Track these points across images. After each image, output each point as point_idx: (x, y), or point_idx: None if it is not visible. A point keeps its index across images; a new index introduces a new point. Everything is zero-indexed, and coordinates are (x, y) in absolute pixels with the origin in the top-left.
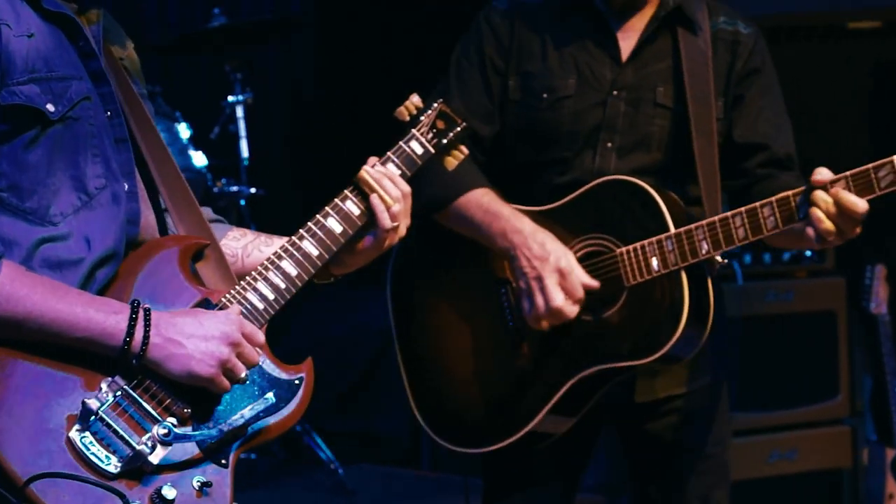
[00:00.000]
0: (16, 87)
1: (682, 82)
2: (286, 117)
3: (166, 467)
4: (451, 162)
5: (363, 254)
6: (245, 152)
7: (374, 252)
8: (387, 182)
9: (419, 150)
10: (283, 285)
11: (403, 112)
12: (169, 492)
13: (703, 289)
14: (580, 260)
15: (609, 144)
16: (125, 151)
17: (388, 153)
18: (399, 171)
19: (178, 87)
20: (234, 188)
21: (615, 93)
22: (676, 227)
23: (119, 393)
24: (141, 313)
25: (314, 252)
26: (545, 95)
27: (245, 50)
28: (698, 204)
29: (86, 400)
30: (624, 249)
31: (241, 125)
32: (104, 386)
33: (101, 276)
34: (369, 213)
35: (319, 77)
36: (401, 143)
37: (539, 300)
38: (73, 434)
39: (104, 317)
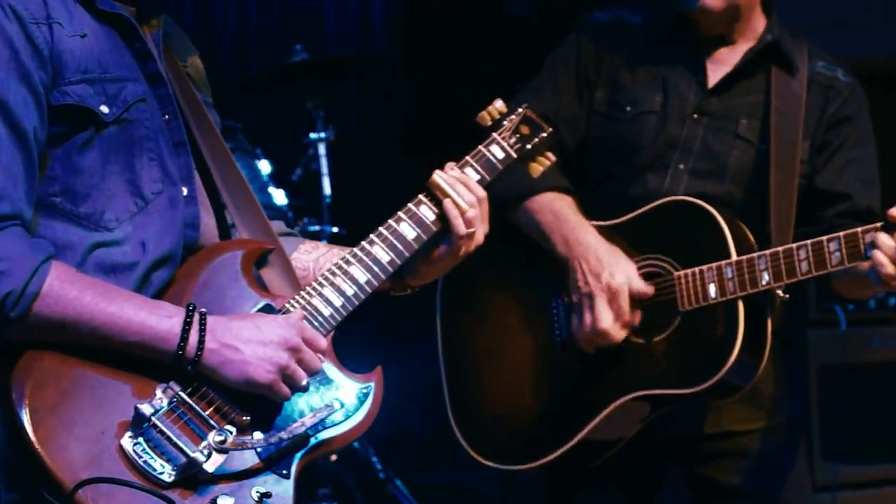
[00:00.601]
0: (67, 86)
1: (769, 119)
2: (369, 155)
3: (223, 477)
4: (536, 168)
5: (438, 263)
6: (327, 190)
7: (449, 261)
8: (461, 187)
9: (500, 155)
10: (350, 291)
11: (485, 117)
12: (225, 501)
13: (760, 321)
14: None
15: (682, 166)
16: (184, 155)
17: (467, 157)
18: (478, 177)
19: (258, 123)
20: (316, 227)
21: (695, 116)
22: (739, 255)
23: (174, 400)
24: (196, 317)
25: (385, 257)
26: (629, 108)
27: (327, 86)
28: (767, 242)
29: (139, 406)
30: (682, 273)
31: (323, 163)
32: (158, 392)
33: (156, 279)
34: (444, 218)
35: (403, 114)
36: (481, 147)
37: (587, 319)
38: (126, 441)
39: (157, 320)
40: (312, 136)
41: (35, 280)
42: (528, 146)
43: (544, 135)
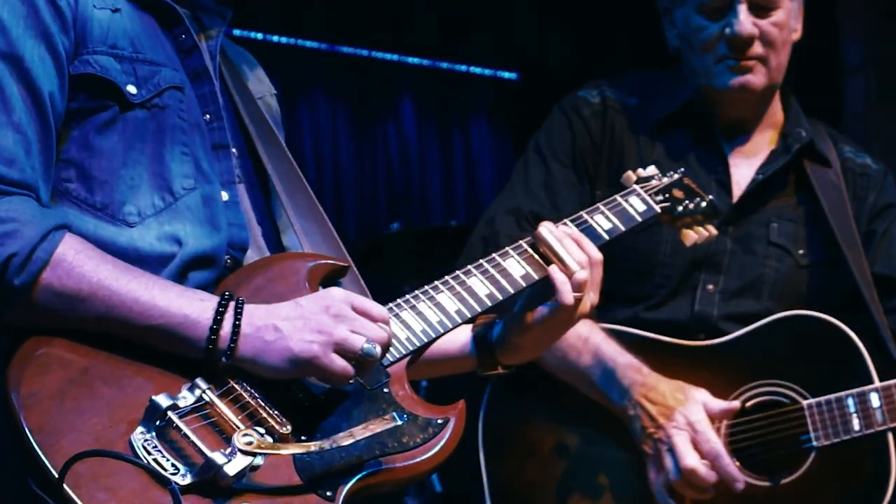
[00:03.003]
0: (91, 56)
1: (817, 223)
2: None
3: (251, 491)
4: (690, 236)
5: (536, 332)
6: None
7: (550, 331)
8: (570, 243)
9: (640, 207)
10: (435, 318)
11: (630, 176)
12: None
13: None
14: (750, 412)
15: (710, 287)
16: (225, 160)
17: (598, 204)
18: (609, 225)
19: None
20: None
21: (723, 227)
22: (882, 380)
23: (201, 401)
24: (232, 304)
25: (482, 290)
26: None
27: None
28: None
29: (155, 398)
30: (813, 402)
31: None
32: (183, 390)
33: (196, 278)
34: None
35: None
36: (617, 196)
37: (668, 463)
38: (136, 436)
39: (187, 302)
40: None
41: (45, 245)
42: (679, 208)
43: (703, 203)
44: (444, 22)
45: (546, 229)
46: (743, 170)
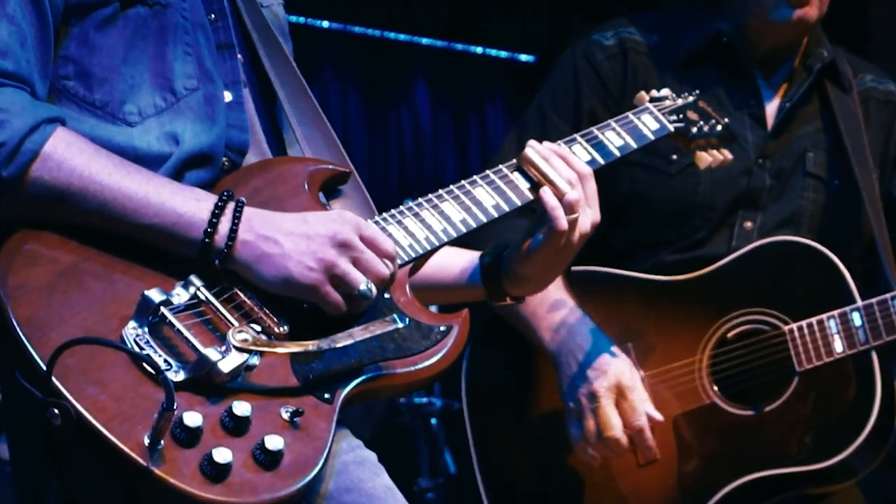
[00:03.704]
0: None
1: (838, 147)
2: None
3: (246, 391)
4: (704, 159)
5: (537, 259)
6: None
7: (553, 257)
8: (558, 160)
9: (653, 125)
10: (439, 226)
11: (643, 96)
12: (243, 409)
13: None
14: (731, 341)
15: (749, 224)
16: (230, 59)
17: (609, 121)
18: (620, 143)
19: None
20: None
21: (760, 161)
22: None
23: (195, 300)
24: (231, 204)
25: (488, 201)
26: (675, 157)
27: None
28: (888, 288)
29: (147, 293)
30: (794, 326)
31: None
32: (177, 288)
33: (192, 178)
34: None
35: None
36: (629, 113)
37: (590, 426)
38: (128, 330)
39: (182, 201)
40: None
41: (34, 137)
42: (694, 129)
43: (718, 126)
44: (460, 2)
45: (532, 149)
46: (774, 100)
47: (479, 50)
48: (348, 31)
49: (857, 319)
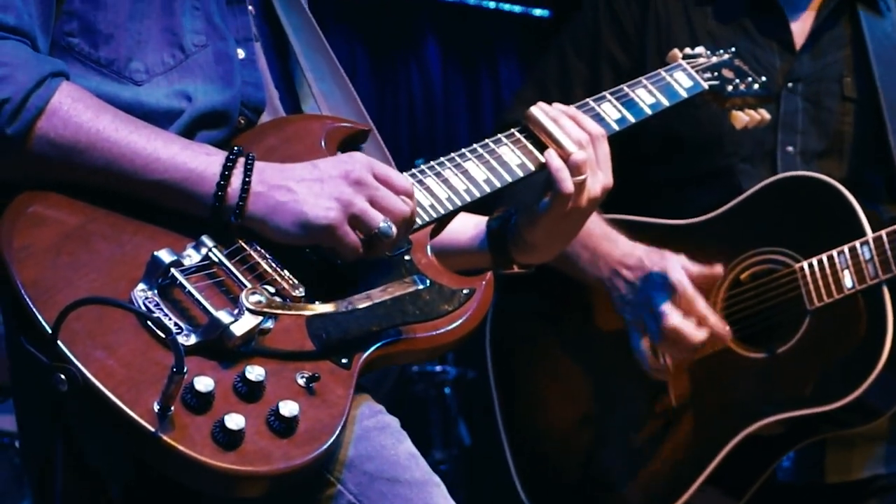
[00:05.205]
0: None
1: (870, 72)
2: None
3: (260, 354)
4: (740, 118)
5: (544, 225)
6: None
7: (561, 224)
8: (566, 120)
9: (686, 83)
10: (462, 186)
11: (676, 53)
12: (255, 373)
13: None
14: (745, 283)
15: (790, 148)
16: (241, 15)
17: (640, 78)
18: (651, 100)
19: None
20: None
21: (790, 85)
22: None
23: (206, 260)
24: (242, 158)
25: (513, 160)
26: None
27: None
28: None
29: (157, 253)
30: (805, 263)
31: None
32: (189, 249)
33: (205, 137)
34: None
35: None
36: (661, 70)
37: (650, 326)
38: (137, 293)
39: (192, 155)
40: None
41: (40, 92)
42: (729, 87)
43: (755, 84)
44: None
45: (539, 109)
46: (801, 24)
47: (492, 4)
48: None
49: (866, 253)
